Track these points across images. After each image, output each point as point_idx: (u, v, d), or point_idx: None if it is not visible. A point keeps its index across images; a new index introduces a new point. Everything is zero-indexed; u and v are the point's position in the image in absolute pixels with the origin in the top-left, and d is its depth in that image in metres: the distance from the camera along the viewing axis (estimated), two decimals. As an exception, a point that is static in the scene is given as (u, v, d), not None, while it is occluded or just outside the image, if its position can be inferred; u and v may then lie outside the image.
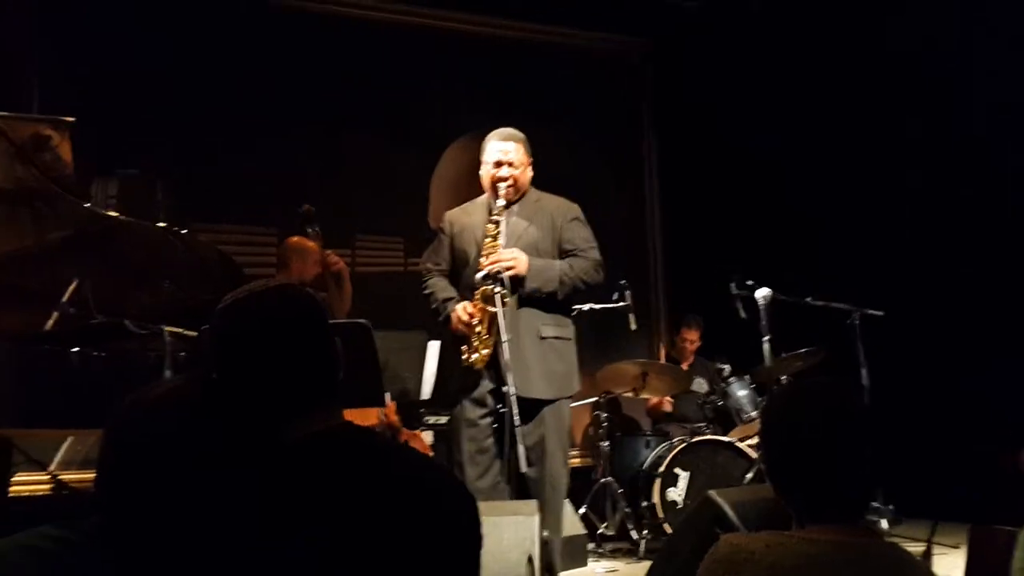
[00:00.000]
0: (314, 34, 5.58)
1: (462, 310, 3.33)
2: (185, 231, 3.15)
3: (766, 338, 4.45)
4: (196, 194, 5.05)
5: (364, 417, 3.98)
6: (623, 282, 4.92)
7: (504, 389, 3.15)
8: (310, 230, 4.30)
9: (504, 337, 3.17)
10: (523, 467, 3.05)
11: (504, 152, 3.43)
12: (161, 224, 3.15)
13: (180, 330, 2.92)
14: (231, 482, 1.14)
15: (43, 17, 4.91)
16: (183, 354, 2.94)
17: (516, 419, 3.07)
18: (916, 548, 3.65)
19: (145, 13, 5.05)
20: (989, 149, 4.95)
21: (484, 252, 3.32)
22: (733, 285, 4.70)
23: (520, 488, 3.24)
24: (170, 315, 2.96)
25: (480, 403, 3.34)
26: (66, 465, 3.44)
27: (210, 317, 1.34)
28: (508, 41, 6.21)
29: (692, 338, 5.69)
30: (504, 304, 3.19)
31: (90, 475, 1.22)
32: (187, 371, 2.79)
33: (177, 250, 3.09)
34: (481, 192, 3.57)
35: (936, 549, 3.70)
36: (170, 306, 3.04)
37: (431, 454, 4.43)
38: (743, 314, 4.66)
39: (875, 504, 4.52)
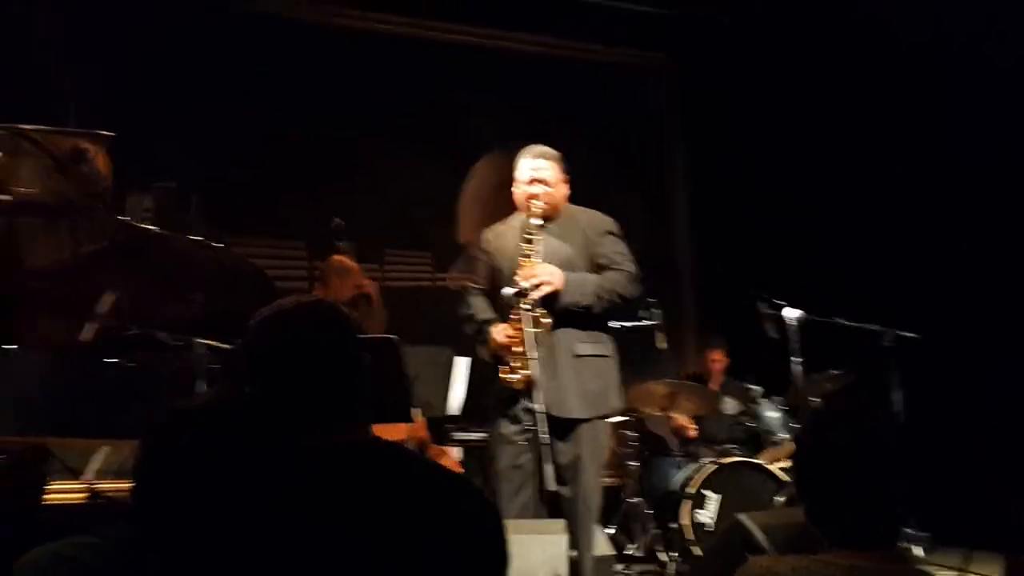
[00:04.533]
0: (345, 50, 5.67)
1: (501, 332, 3.33)
2: (217, 244, 3.18)
3: (797, 360, 4.40)
4: (229, 208, 5.12)
5: (393, 433, 3.99)
6: (652, 300, 4.90)
7: (533, 406, 3.15)
8: (340, 244, 4.34)
9: (533, 354, 3.17)
10: (551, 485, 3.03)
11: (536, 170, 3.42)
12: (195, 237, 3.19)
13: (212, 342, 2.94)
14: (264, 494, 1.14)
15: (80, 31, 5.02)
16: (214, 366, 2.97)
17: (544, 437, 3.06)
18: (950, 576, 3.58)
19: (181, 29, 5.15)
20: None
21: (519, 272, 3.31)
22: (763, 305, 4.66)
23: (552, 506, 3.22)
24: (203, 327, 2.98)
25: (515, 420, 3.33)
26: (101, 474, 3.48)
27: (242, 330, 1.35)
28: (537, 56, 6.26)
29: (717, 357, 5.62)
30: (539, 325, 3.19)
31: (125, 485, 1.23)
32: (221, 384, 2.81)
33: (211, 263, 3.12)
34: (511, 207, 3.57)
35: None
36: (203, 318, 3.07)
37: (460, 470, 4.42)
38: (772, 334, 4.61)
39: (910, 531, 4.43)
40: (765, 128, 6.05)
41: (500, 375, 3.32)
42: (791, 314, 4.42)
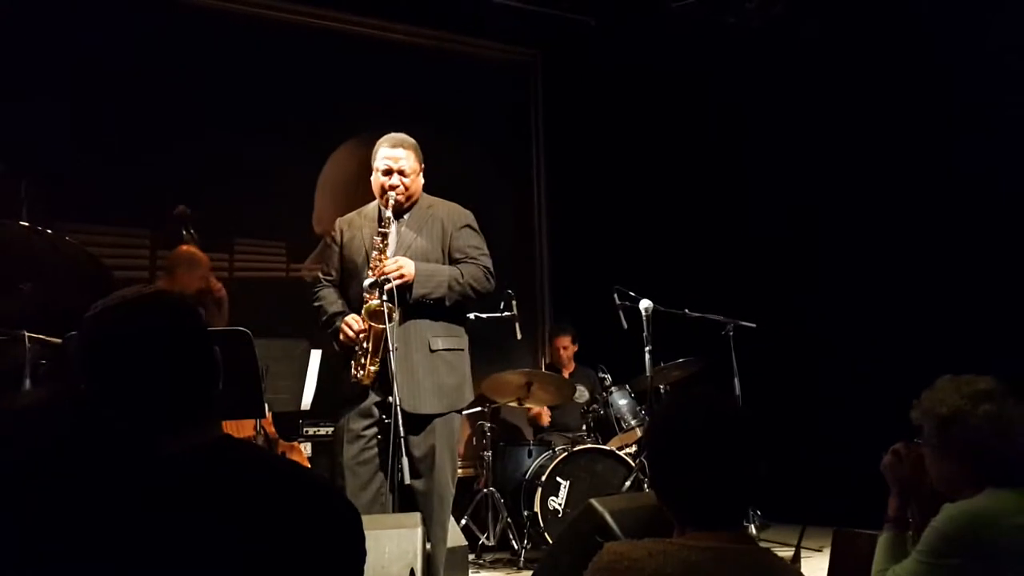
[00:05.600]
0: (196, 29, 5.38)
1: (347, 326, 3.27)
2: (50, 231, 2.97)
3: (647, 348, 4.56)
4: (65, 193, 4.76)
5: (240, 428, 3.85)
6: (509, 291, 4.96)
7: (390, 400, 3.12)
8: (186, 233, 4.14)
9: (392, 346, 3.13)
10: (407, 479, 3.01)
11: (394, 159, 3.35)
12: (23, 223, 2.96)
13: (42, 336, 2.75)
14: (104, 500, 1.07)
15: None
16: (44, 362, 2.77)
17: (401, 430, 3.04)
18: (784, 552, 3.81)
19: (13, 4, 4.75)
20: (859, 168, 5.26)
21: (371, 265, 3.26)
22: (616, 296, 4.81)
23: (404, 500, 3.20)
24: (31, 320, 2.78)
25: (365, 415, 3.28)
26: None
27: (76, 323, 1.26)
28: (400, 45, 6.15)
29: (565, 344, 5.74)
30: (391, 319, 3.15)
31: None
32: (51, 382, 2.63)
33: (40, 250, 2.91)
34: (370, 197, 3.51)
35: (801, 552, 3.87)
36: (32, 311, 2.85)
37: (309, 466, 4.32)
38: (625, 324, 4.76)
39: (744, 510, 4.69)
40: (624, 125, 6.24)
41: (352, 370, 3.26)
42: (643, 304, 4.59)
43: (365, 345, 3.22)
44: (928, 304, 4.86)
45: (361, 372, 3.23)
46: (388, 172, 3.34)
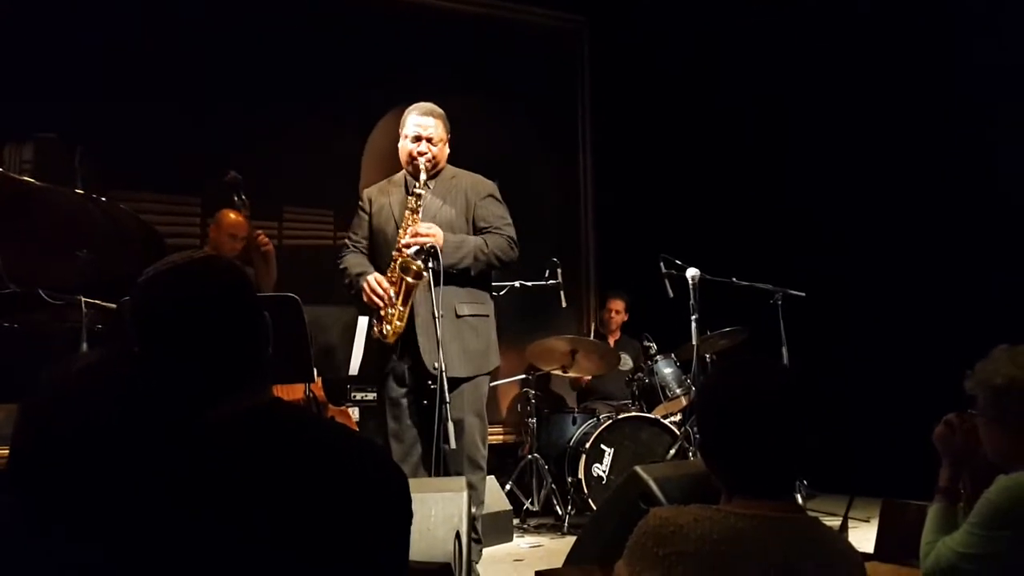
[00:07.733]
0: (244, 1, 5.42)
1: (375, 282, 3.31)
2: (104, 198, 3.03)
3: (694, 317, 4.52)
4: (117, 161, 4.85)
5: (290, 393, 3.93)
6: (555, 260, 4.95)
7: (435, 365, 3.17)
8: (236, 199, 4.20)
9: (438, 313, 3.18)
10: (452, 443, 3.06)
11: (424, 127, 3.42)
12: (79, 191, 3.03)
13: (98, 301, 2.82)
14: (158, 461, 1.10)
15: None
16: (100, 326, 2.84)
17: (445, 395, 3.09)
18: (832, 521, 3.77)
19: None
20: (912, 134, 5.11)
21: (404, 226, 3.30)
22: (662, 264, 4.77)
23: (440, 464, 3.25)
24: (87, 285, 2.85)
25: (400, 381, 3.36)
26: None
27: (129, 288, 1.28)
28: (445, 13, 6.12)
29: (617, 308, 5.71)
30: (423, 277, 3.20)
31: (2, 451, 1.16)
32: (107, 345, 2.70)
33: (95, 218, 2.97)
34: None
35: (849, 522, 3.83)
36: (87, 276, 2.93)
37: (358, 430, 4.39)
38: (672, 293, 4.73)
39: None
40: (671, 91, 6.15)
41: (374, 328, 3.32)
42: (690, 272, 4.55)
43: (395, 300, 3.27)
44: (980, 274, 4.72)
45: (387, 328, 3.27)
46: (418, 139, 3.41)
